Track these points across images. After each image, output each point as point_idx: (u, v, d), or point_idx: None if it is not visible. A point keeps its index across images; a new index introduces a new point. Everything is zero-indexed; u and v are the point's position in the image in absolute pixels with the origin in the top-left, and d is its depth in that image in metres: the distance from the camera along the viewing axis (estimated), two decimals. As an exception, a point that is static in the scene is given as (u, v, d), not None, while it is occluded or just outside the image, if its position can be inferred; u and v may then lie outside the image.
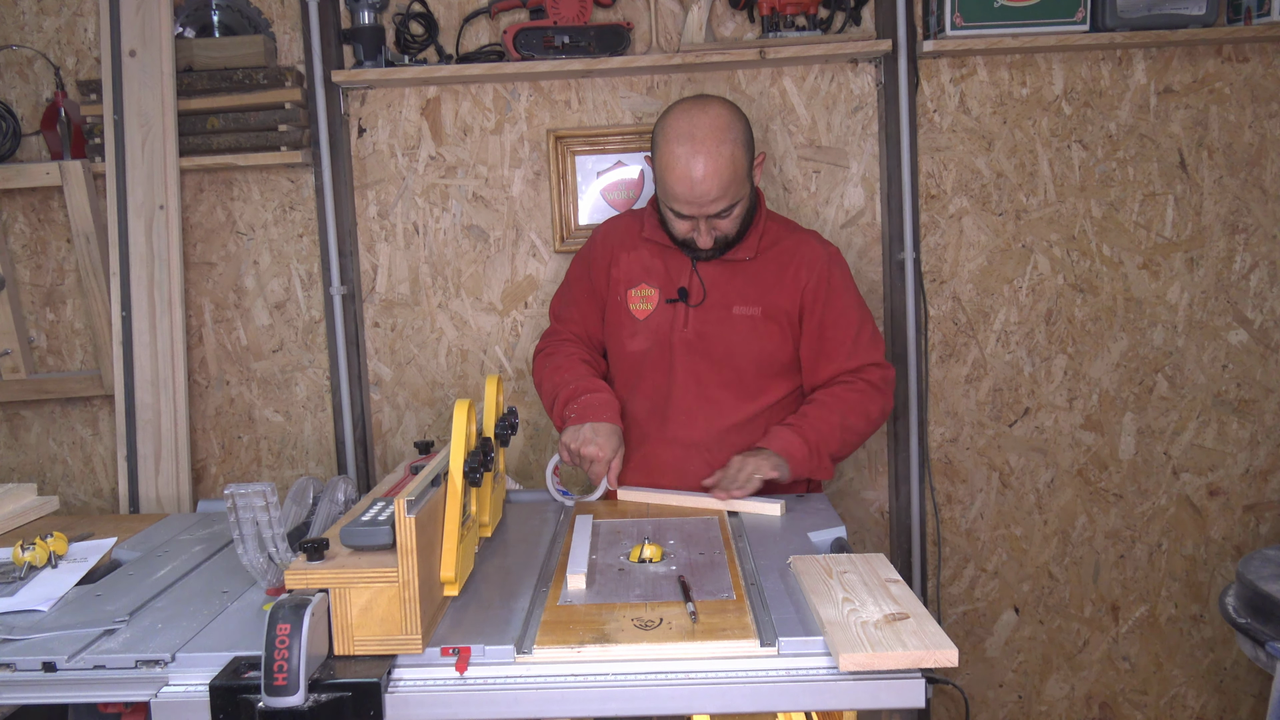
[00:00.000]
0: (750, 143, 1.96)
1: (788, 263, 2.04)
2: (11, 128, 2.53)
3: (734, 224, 1.97)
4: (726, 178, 1.88)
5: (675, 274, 2.06)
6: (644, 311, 2.07)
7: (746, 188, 1.96)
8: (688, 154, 1.87)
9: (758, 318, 2.03)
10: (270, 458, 2.70)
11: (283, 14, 2.55)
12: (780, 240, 2.07)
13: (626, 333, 2.09)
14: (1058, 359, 2.61)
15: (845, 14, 2.50)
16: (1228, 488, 2.64)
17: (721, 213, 1.93)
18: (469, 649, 1.28)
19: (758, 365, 2.04)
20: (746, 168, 1.94)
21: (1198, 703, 2.71)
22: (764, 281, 2.04)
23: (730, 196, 1.91)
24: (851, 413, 1.99)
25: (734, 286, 2.04)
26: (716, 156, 1.86)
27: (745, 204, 1.97)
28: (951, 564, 2.67)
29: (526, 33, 2.43)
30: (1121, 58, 2.51)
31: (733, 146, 1.88)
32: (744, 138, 1.93)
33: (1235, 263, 2.58)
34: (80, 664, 1.31)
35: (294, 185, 2.60)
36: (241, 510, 1.41)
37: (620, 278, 2.10)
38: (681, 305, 2.04)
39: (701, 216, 1.93)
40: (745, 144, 1.93)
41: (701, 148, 1.86)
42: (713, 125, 1.88)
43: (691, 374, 2.05)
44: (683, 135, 1.88)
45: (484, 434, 1.60)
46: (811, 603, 1.37)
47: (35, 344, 2.67)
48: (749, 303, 2.03)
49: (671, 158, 1.89)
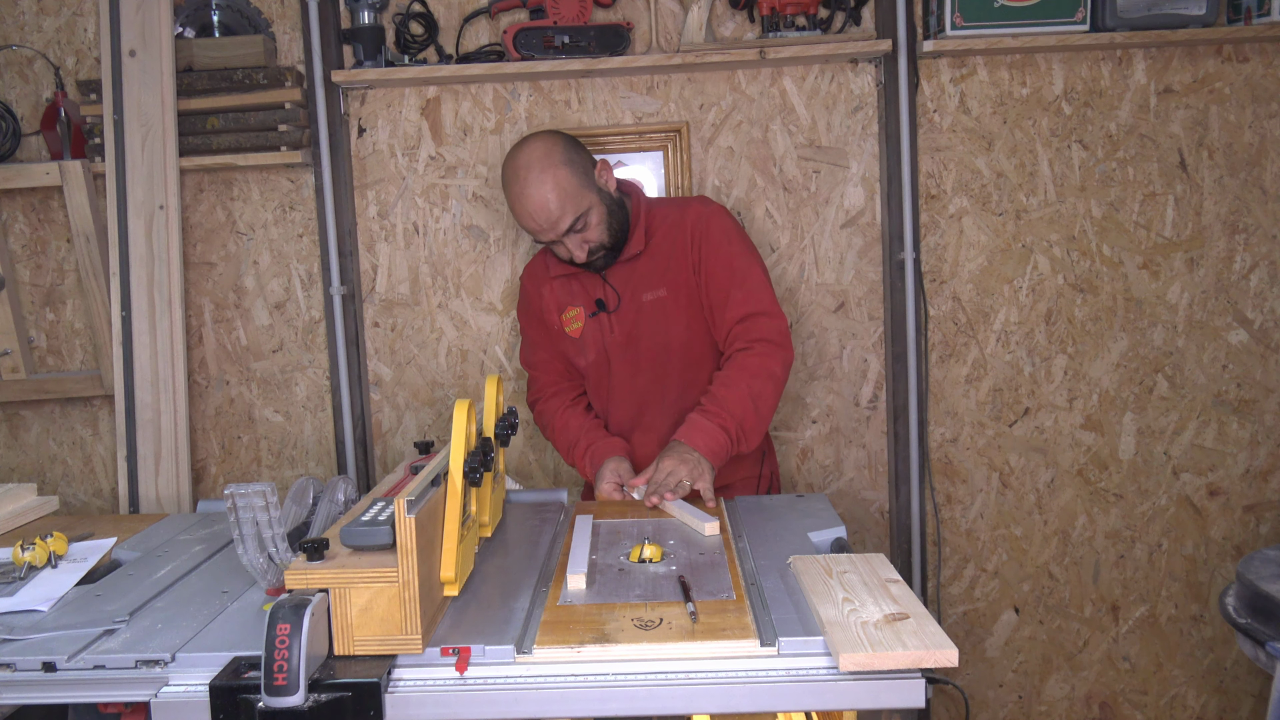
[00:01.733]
0: (576, 158, 2.05)
1: (676, 237, 2.13)
2: (11, 128, 2.53)
3: (598, 231, 2.06)
4: (557, 198, 1.99)
5: (591, 290, 2.18)
6: (577, 330, 2.20)
7: (590, 197, 2.04)
8: (519, 191, 2.02)
9: (665, 299, 2.12)
10: (270, 458, 2.70)
11: (283, 14, 2.55)
12: (666, 219, 2.16)
13: (573, 352, 2.23)
14: (1058, 359, 2.61)
15: (845, 14, 2.50)
16: (1228, 488, 2.64)
17: (575, 226, 2.03)
18: (469, 649, 1.28)
19: (685, 345, 2.14)
20: (577, 182, 2.02)
21: (1198, 703, 2.71)
22: (660, 264, 2.13)
23: (573, 211, 2.01)
24: (757, 379, 2.02)
25: (639, 280, 2.14)
26: (541, 184, 1.99)
27: (600, 211, 2.06)
28: (951, 564, 2.67)
29: (526, 33, 2.43)
30: (1121, 58, 2.51)
31: (554, 170, 2.00)
32: (565, 157, 2.03)
33: (1235, 263, 2.58)
34: (80, 664, 1.31)
35: (294, 185, 2.60)
36: (241, 510, 1.41)
37: (551, 306, 2.23)
38: (604, 315, 2.16)
39: (560, 237, 2.04)
40: (568, 162, 2.03)
41: (525, 181, 2.00)
42: (530, 158, 2.02)
43: (628, 373, 2.17)
44: (510, 178, 2.04)
45: (484, 434, 1.60)
46: (811, 603, 1.37)
47: (35, 344, 2.67)
48: (654, 287, 2.13)
49: (512, 199, 2.05)
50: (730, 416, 1.98)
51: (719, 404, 2.00)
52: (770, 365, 2.04)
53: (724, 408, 1.99)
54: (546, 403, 2.28)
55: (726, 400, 2.00)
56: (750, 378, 2.02)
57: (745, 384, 2.02)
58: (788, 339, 2.09)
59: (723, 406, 1.99)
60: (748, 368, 2.04)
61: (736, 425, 1.98)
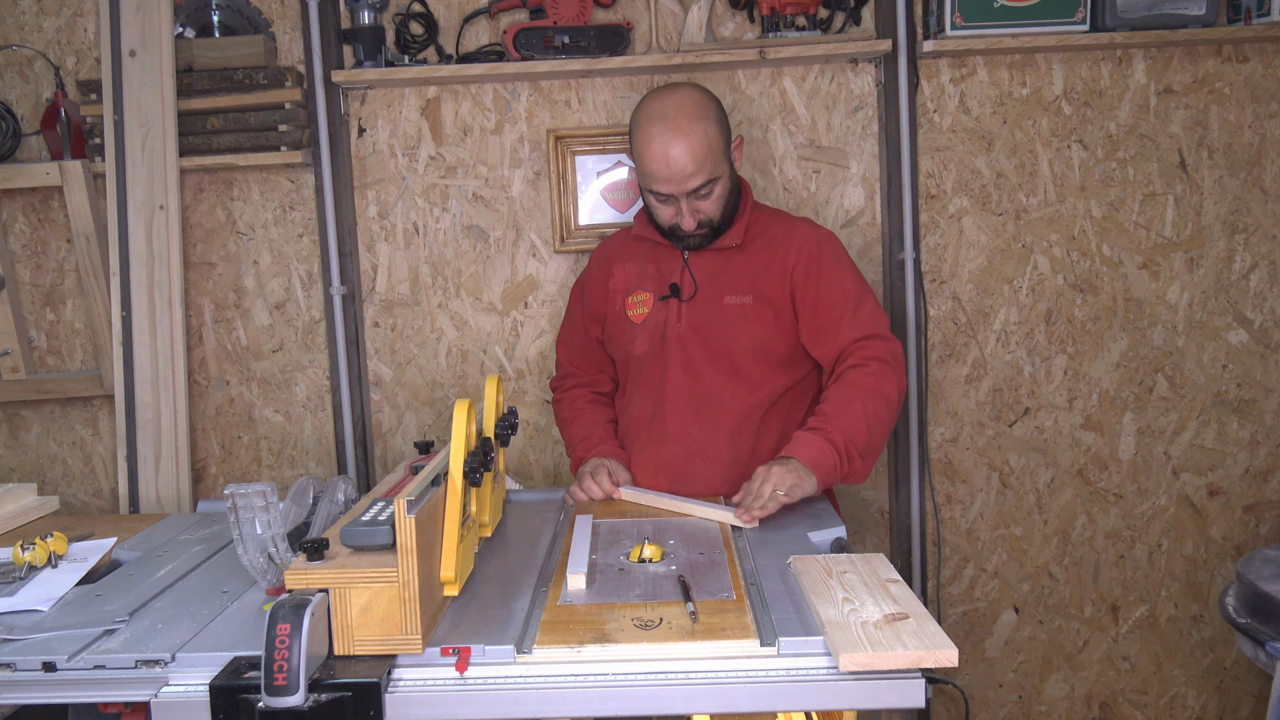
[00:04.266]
0: (725, 123, 1.99)
1: (777, 249, 2.05)
2: (11, 128, 2.53)
3: (716, 205, 1.98)
4: (700, 152, 1.90)
5: (667, 273, 2.09)
6: (641, 316, 2.10)
7: (724, 167, 1.97)
8: (661, 132, 1.91)
9: (749, 305, 2.03)
10: (270, 458, 2.70)
11: (283, 14, 2.55)
12: (770, 228, 2.09)
13: (627, 339, 2.12)
14: (1058, 359, 2.61)
15: (845, 14, 2.50)
16: (1228, 488, 2.64)
17: (700, 189, 1.94)
18: (469, 649, 1.28)
19: (752, 354, 2.03)
20: (722, 146, 1.96)
21: (1198, 703, 2.71)
22: (754, 269, 2.04)
23: (707, 172, 1.93)
24: (871, 399, 1.88)
25: (725, 277, 2.05)
26: (689, 133, 1.90)
27: (725, 185, 1.99)
28: (951, 564, 2.67)
29: (526, 33, 2.43)
30: (1121, 58, 2.51)
31: (705, 124, 1.92)
32: (717, 116, 1.96)
33: (1235, 263, 2.58)
34: (80, 664, 1.31)
35: (294, 185, 2.60)
36: (241, 510, 1.41)
37: (617, 288, 2.14)
38: (674, 301, 2.06)
39: (681, 195, 1.94)
40: (719, 122, 1.96)
41: (673, 125, 1.90)
42: (683, 104, 1.92)
43: (685, 367, 2.05)
44: (655, 117, 1.93)
45: (484, 434, 1.60)
46: (811, 603, 1.37)
47: (35, 344, 2.67)
48: (740, 291, 2.04)
49: (646, 138, 1.93)
50: (841, 433, 1.83)
51: (826, 419, 1.86)
52: (885, 387, 1.90)
53: (833, 423, 1.85)
54: (568, 392, 2.23)
55: (836, 417, 1.86)
56: (865, 397, 1.88)
57: (859, 403, 1.87)
58: (903, 364, 1.97)
59: (831, 423, 1.85)
60: (862, 386, 1.89)
61: (846, 442, 1.83)
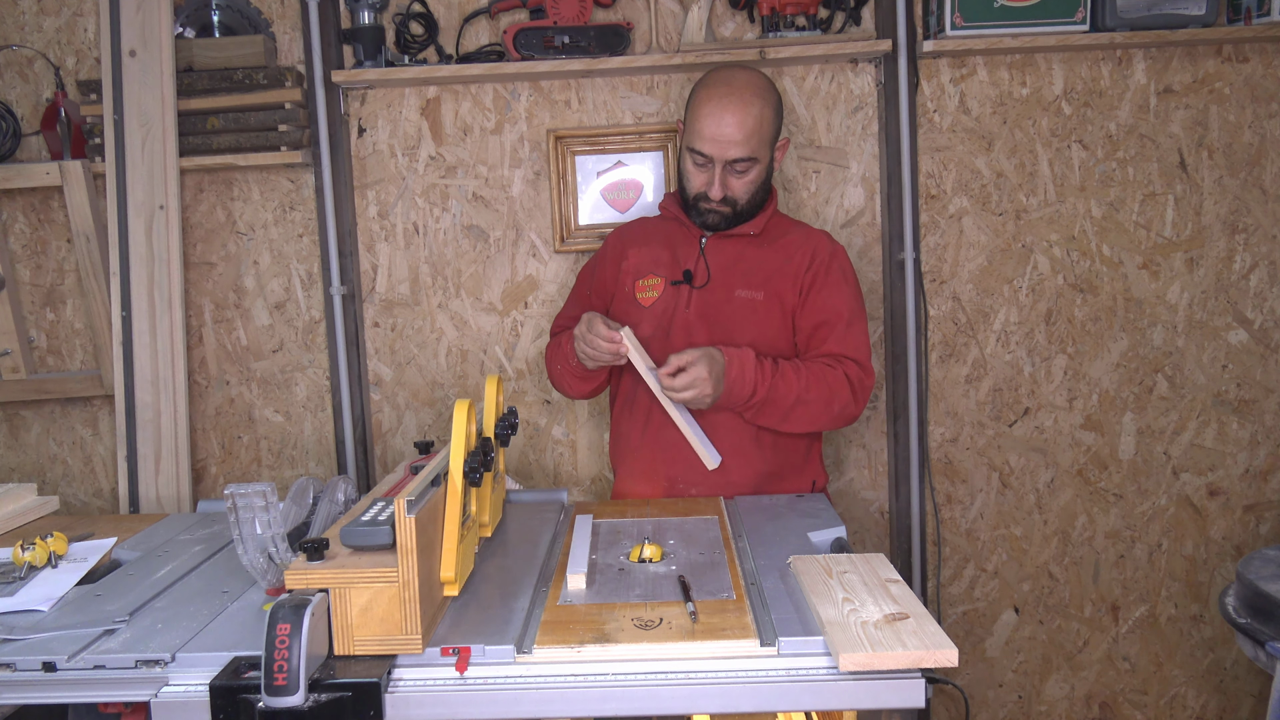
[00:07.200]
0: (779, 116, 2.06)
1: (793, 252, 2.10)
2: (11, 128, 2.53)
3: (746, 187, 2.04)
4: (751, 127, 1.97)
5: (683, 259, 2.12)
6: (649, 299, 2.13)
7: (766, 154, 2.04)
8: (723, 95, 1.98)
9: (760, 301, 2.06)
10: (270, 458, 2.70)
11: (283, 14, 2.55)
12: (790, 232, 2.14)
13: (632, 321, 2.12)
14: (1058, 359, 2.61)
15: (845, 14, 2.50)
16: (1228, 488, 2.64)
17: (738, 163, 2.00)
18: (469, 649, 1.28)
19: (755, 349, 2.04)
20: (771, 133, 2.03)
21: (1198, 703, 2.71)
22: (768, 267, 2.08)
23: (750, 148, 1.98)
24: (814, 389, 1.96)
25: (739, 270, 2.09)
26: (748, 104, 1.97)
27: (761, 172, 2.04)
28: (951, 564, 2.67)
29: (526, 33, 2.43)
30: (1121, 58, 2.51)
31: (763, 105, 1.99)
32: (775, 104, 2.03)
33: (1235, 263, 2.58)
34: (80, 664, 1.31)
35: (294, 185, 2.60)
36: (241, 510, 1.41)
37: (630, 270, 2.17)
38: (685, 287, 2.10)
39: (720, 161, 1.99)
40: (775, 109, 2.03)
41: (736, 93, 1.98)
42: (750, 80, 2.01)
43: None
44: (720, 81, 2.01)
45: (484, 434, 1.60)
46: (811, 603, 1.37)
47: (35, 344, 2.67)
48: (753, 286, 2.08)
49: (706, 97, 2.00)
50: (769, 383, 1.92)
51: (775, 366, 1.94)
52: (835, 396, 1.97)
53: (776, 371, 1.93)
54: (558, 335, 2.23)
55: (784, 373, 1.94)
56: (812, 383, 1.96)
57: (804, 384, 1.95)
58: (864, 398, 2.02)
59: (775, 370, 1.94)
60: (817, 375, 1.97)
61: (768, 392, 1.92)
